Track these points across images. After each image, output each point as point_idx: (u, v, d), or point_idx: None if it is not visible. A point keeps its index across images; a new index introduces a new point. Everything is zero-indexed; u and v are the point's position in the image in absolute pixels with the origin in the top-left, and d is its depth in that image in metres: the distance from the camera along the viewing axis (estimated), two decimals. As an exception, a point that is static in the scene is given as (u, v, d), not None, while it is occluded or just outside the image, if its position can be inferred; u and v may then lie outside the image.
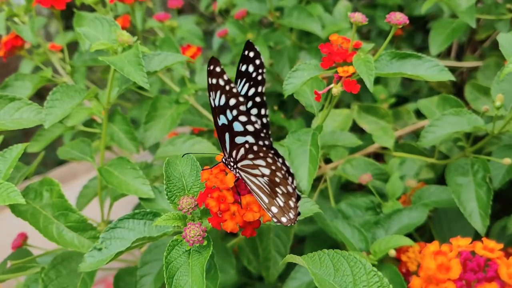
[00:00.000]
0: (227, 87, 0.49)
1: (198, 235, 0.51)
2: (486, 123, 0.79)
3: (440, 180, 0.95)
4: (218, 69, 0.49)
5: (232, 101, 0.50)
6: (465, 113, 0.79)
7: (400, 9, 1.39)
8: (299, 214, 0.54)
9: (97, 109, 0.84)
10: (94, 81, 1.50)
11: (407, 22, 0.67)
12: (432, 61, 0.70)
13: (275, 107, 1.33)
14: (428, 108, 0.94)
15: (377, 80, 1.28)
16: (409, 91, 1.40)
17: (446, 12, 1.23)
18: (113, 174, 0.73)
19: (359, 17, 0.68)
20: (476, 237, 0.83)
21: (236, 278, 1.06)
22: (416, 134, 1.17)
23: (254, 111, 0.55)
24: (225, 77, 0.49)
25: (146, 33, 1.35)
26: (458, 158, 0.84)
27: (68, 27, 1.92)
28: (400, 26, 0.67)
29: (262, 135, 0.52)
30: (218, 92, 0.50)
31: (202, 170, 0.56)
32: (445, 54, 1.40)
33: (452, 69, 1.24)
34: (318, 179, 1.02)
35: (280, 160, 0.51)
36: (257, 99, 0.55)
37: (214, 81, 0.50)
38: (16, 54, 0.94)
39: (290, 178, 0.52)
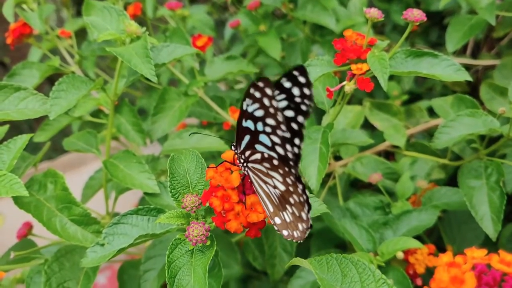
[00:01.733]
0: (271, 110, 0.45)
1: (201, 235, 0.50)
2: (501, 125, 0.76)
3: (451, 180, 0.93)
4: (268, 91, 0.45)
5: (271, 121, 0.46)
6: (480, 114, 0.77)
7: (417, 3, 1.36)
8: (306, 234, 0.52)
9: (104, 99, 0.83)
10: (104, 68, 1.48)
11: (425, 19, 0.65)
12: (448, 60, 0.68)
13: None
14: (443, 108, 0.91)
15: (391, 77, 1.25)
16: (422, 88, 1.37)
17: (464, 8, 1.20)
18: (119, 168, 0.72)
19: (375, 13, 0.66)
20: (487, 240, 0.82)
21: (241, 272, 1.05)
22: (429, 132, 1.15)
23: (275, 139, 0.50)
24: (274, 103, 0.45)
25: (157, 21, 1.33)
26: (471, 160, 0.82)
27: (80, 13, 1.91)
28: (417, 24, 0.65)
29: (291, 163, 0.49)
30: (257, 105, 0.46)
31: (207, 168, 0.54)
32: (460, 51, 1.36)
33: (468, 67, 1.21)
34: (327, 176, 1.01)
35: (301, 186, 0.49)
36: (293, 125, 0.51)
37: (258, 95, 0.45)
38: (24, 42, 0.92)
39: (307, 206, 0.50)
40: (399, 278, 0.73)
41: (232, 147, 0.53)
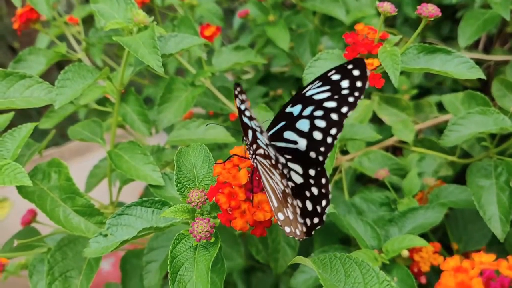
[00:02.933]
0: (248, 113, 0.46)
1: (206, 231, 0.49)
2: (513, 123, 0.75)
3: (459, 178, 0.91)
4: (242, 97, 0.45)
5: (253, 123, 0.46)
6: (492, 112, 0.76)
7: (429, -4, 1.34)
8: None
9: (110, 88, 0.82)
10: (111, 56, 1.47)
11: (440, 14, 0.63)
12: (462, 57, 0.66)
13: (293, 92, 1.30)
14: (453, 104, 0.90)
15: (401, 71, 1.24)
16: (432, 83, 1.36)
17: (477, 2, 1.18)
18: (123, 159, 0.71)
19: (388, 7, 0.64)
20: (493, 240, 0.81)
21: (244, 264, 1.05)
22: (438, 128, 1.14)
23: (320, 123, 0.51)
24: (245, 108, 0.46)
25: (166, 9, 1.32)
26: (481, 159, 0.80)
27: (88, -2, 1.89)
28: (432, 19, 0.64)
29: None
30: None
31: (215, 163, 0.54)
32: (473, 46, 1.34)
33: (479, 62, 1.19)
34: (333, 170, 1.00)
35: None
36: (333, 115, 0.51)
37: (237, 100, 0.46)
38: (31, 28, 0.92)
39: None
40: (403, 276, 0.72)
41: (243, 139, 0.53)
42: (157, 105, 0.88)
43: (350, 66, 0.50)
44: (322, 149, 0.52)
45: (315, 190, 0.51)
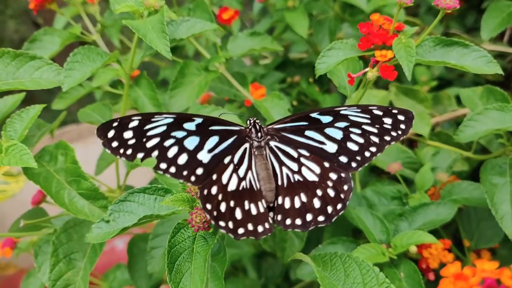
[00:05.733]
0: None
1: (204, 222, 0.49)
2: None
3: (475, 174, 0.89)
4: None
5: None
6: (510, 109, 0.73)
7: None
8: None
9: (122, 71, 0.81)
10: (129, 36, 1.47)
11: (457, 6, 0.61)
12: (480, 51, 0.64)
13: (310, 80, 1.29)
14: (471, 98, 0.87)
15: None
16: (453, 74, 1.32)
17: (503, -7, 1.14)
18: (130, 143, 0.71)
19: (405, -2, 0.62)
20: (506, 239, 0.79)
21: (253, 251, 1.05)
22: (456, 121, 1.11)
23: (358, 139, 0.54)
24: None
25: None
26: (496, 156, 0.78)
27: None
28: (449, 11, 0.61)
29: None
30: None
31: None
32: (497, 38, 1.30)
33: (502, 55, 1.15)
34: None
35: None
36: (374, 138, 0.54)
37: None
38: (46, 8, 0.91)
39: None
40: (410, 272, 0.71)
41: None
42: (169, 89, 0.87)
43: (395, 111, 0.54)
44: (358, 158, 0.54)
45: (331, 192, 0.52)
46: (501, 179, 0.75)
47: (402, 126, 0.53)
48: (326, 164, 0.53)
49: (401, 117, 0.53)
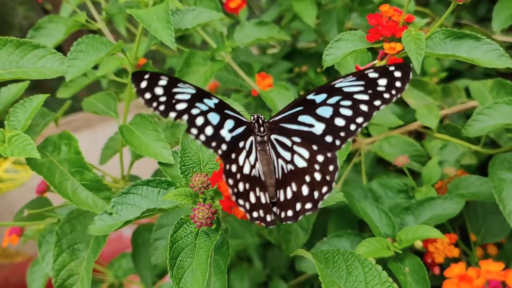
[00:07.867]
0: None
1: (207, 218, 0.48)
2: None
3: (483, 168, 0.88)
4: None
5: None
6: (520, 103, 0.72)
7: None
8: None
9: (127, 61, 0.81)
10: (135, 24, 1.45)
11: (469, -1, 0.59)
12: (491, 44, 0.63)
13: (318, 70, 1.27)
14: (481, 92, 0.85)
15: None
16: (464, 65, 1.30)
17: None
18: (134, 134, 0.70)
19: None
20: (512, 235, 0.78)
21: (258, 241, 1.05)
22: (465, 114, 1.09)
23: (346, 112, 0.52)
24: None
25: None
26: (505, 151, 0.77)
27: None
28: (461, 3, 0.60)
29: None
30: None
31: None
32: (509, 29, 1.28)
33: (516, 47, 1.13)
34: (353, 153, 0.98)
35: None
36: (363, 106, 0.51)
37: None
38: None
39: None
40: (415, 267, 0.70)
41: None
42: (174, 79, 0.86)
43: (392, 68, 0.51)
44: (342, 134, 0.52)
45: (318, 176, 0.51)
46: (509, 174, 0.73)
47: (398, 84, 0.51)
48: (314, 147, 0.52)
49: (397, 74, 0.51)
